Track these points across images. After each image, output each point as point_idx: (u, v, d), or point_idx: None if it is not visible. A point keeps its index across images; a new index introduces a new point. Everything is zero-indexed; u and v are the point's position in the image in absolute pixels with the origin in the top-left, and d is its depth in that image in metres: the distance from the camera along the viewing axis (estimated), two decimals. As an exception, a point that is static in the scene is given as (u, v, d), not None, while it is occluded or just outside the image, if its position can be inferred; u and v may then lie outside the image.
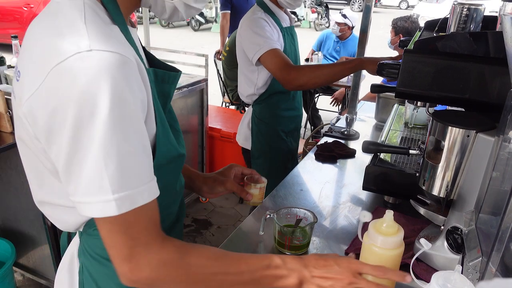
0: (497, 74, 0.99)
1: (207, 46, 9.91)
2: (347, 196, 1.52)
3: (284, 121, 2.05)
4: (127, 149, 0.64)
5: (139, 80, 0.68)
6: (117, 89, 0.62)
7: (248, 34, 1.82)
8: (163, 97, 0.83)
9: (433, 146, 1.05)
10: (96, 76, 0.60)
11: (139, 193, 0.67)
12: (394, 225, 0.84)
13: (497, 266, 0.65)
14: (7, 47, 3.14)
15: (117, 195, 0.64)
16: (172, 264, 0.73)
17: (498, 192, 0.76)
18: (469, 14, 1.22)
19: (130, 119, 0.65)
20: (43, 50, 0.64)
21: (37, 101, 0.64)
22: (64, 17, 0.66)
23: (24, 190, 2.10)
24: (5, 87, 2.26)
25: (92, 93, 0.60)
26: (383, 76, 1.41)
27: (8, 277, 2.10)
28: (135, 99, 0.66)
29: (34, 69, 0.65)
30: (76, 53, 0.61)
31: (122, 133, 0.63)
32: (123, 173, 0.64)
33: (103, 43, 0.62)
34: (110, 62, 0.61)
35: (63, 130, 0.62)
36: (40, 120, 0.65)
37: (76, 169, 0.64)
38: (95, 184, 0.64)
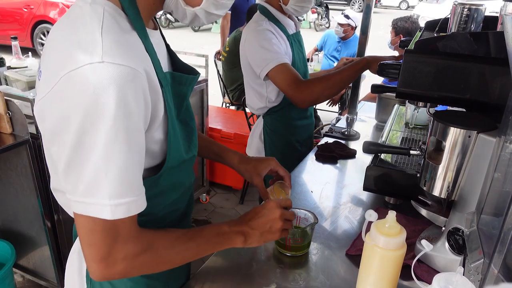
0: (498, 75, 0.98)
1: (207, 47, 9.91)
2: (348, 197, 1.51)
3: (298, 131, 1.98)
4: (127, 159, 0.67)
5: (146, 92, 0.71)
6: (123, 102, 0.64)
7: (254, 49, 1.73)
8: (179, 98, 0.86)
9: (434, 147, 1.05)
10: (104, 87, 0.63)
11: (134, 202, 0.70)
12: (397, 226, 0.84)
13: (499, 267, 0.65)
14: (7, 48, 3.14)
15: (113, 202, 0.67)
16: (145, 253, 0.77)
17: (500, 193, 0.75)
18: (470, 14, 1.22)
19: (132, 131, 0.67)
20: (60, 55, 0.67)
21: (48, 102, 0.67)
22: (83, 25, 0.68)
23: (24, 191, 2.10)
24: (5, 88, 2.25)
25: (99, 102, 0.63)
26: (384, 76, 1.41)
27: (8, 278, 2.10)
28: (139, 112, 0.69)
29: (50, 72, 0.68)
30: (88, 63, 0.63)
31: (124, 144, 0.66)
32: (122, 181, 0.67)
33: (115, 56, 0.65)
34: (119, 75, 0.64)
35: (68, 134, 0.65)
36: (48, 120, 0.68)
37: (75, 171, 0.67)
38: (93, 187, 0.66)
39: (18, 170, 2.06)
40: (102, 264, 0.72)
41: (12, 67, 2.54)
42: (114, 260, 0.73)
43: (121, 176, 0.67)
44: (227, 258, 1.14)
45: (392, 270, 0.87)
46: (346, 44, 4.61)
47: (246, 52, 1.78)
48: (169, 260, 0.83)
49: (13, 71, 2.41)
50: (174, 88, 0.83)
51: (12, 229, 2.31)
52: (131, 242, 0.74)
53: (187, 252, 0.85)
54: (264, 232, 0.95)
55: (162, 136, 0.81)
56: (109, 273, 0.74)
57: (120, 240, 0.72)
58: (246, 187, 3.51)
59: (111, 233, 0.71)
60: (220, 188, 3.72)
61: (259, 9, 1.82)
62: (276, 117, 1.90)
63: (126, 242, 0.73)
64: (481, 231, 0.81)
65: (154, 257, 0.79)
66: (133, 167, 0.69)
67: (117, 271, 0.74)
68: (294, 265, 1.13)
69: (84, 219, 0.70)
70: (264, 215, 0.95)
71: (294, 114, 1.91)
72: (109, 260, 0.72)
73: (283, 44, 1.77)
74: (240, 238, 0.92)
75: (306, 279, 1.08)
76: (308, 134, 2.07)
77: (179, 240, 0.84)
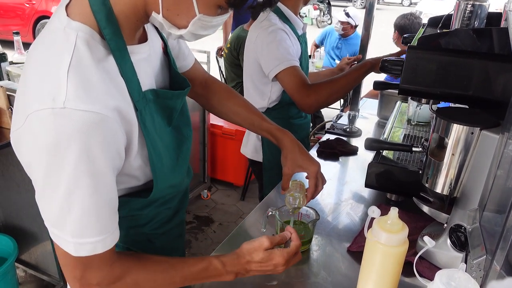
0: (501, 71, 0.98)
1: (209, 43, 9.88)
2: (349, 194, 1.51)
3: (295, 130, 1.91)
4: (91, 202, 0.67)
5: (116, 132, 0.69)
6: (85, 147, 0.63)
7: (267, 48, 1.69)
8: (167, 110, 0.84)
9: (436, 144, 1.05)
10: (65, 134, 0.62)
11: (99, 242, 0.70)
12: (399, 223, 0.84)
13: (501, 264, 0.65)
14: (9, 43, 3.14)
15: (76, 240, 0.68)
16: (122, 283, 0.76)
17: (502, 190, 0.75)
18: (474, 11, 1.21)
19: (97, 175, 0.67)
20: (31, 87, 0.66)
21: (21, 137, 0.67)
22: (52, 57, 0.66)
23: (26, 186, 2.11)
24: (7, 83, 2.25)
25: (61, 148, 0.62)
26: (386, 72, 1.40)
27: (10, 273, 2.11)
28: (106, 154, 0.67)
29: (21, 104, 0.67)
30: (50, 107, 0.62)
31: (86, 188, 0.66)
32: (85, 223, 0.68)
33: (79, 100, 0.63)
34: (82, 122, 0.62)
35: (37, 171, 0.66)
36: (23, 154, 0.68)
37: (45, 205, 0.69)
38: (59, 223, 0.68)
39: (20, 166, 2.02)
40: (76, 284, 0.73)
41: (14, 62, 2.53)
42: (88, 284, 0.73)
43: (84, 219, 0.67)
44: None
45: (394, 267, 0.87)
46: (347, 41, 4.59)
47: (256, 50, 1.75)
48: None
49: (15, 66, 2.41)
50: (160, 103, 0.81)
51: (14, 224, 2.31)
52: (105, 271, 0.74)
53: (169, 285, 0.82)
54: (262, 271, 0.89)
55: (142, 162, 0.79)
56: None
57: (93, 267, 0.72)
58: (248, 184, 3.51)
59: (84, 261, 0.71)
60: (221, 184, 3.73)
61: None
62: (275, 115, 1.88)
63: (100, 270, 0.73)
64: (483, 228, 0.81)
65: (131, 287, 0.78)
66: (99, 209, 0.69)
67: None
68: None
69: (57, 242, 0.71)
70: (268, 266, 0.88)
71: (293, 113, 1.90)
72: (82, 282, 0.73)
73: (296, 44, 1.75)
74: (231, 276, 0.87)
75: (307, 275, 1.08)
76: (305, 133, 2.06)
77: (160, 271, 0.81)
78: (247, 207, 3.38)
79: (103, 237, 0.70)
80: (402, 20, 3.48)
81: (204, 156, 3.42)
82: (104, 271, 0.74)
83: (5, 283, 2.08)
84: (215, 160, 3.60)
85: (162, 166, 0.83)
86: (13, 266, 2.15)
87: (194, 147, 3.31)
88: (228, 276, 0.87)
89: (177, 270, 0.82)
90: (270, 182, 1.95)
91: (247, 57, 1.84)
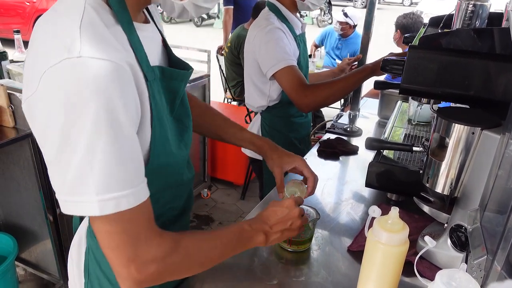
0: (503, 71, 0.98)
1: (209, 42, 9.88)
2: (350, 193, 1.51)
3: (296, 128, 1.97)
4: (113, 154, 0.65)
5: (131, 85, 0.69)
6: (104, 96, 0.62)
7: (264, 47, 1.71)
8: (171, 94, 0.84)
9: (437, 143, 1.05)
10: (83, 83, 0.61)
11: (124, 197, 0.67)
12: (400, 222, 0.84)
13: (502, 264, 0.65)
14: (9, 42, 3.13)
15: (101, 197, 0.65)
16: (175, 253, 0.76)
17: (504, 190, 0.75)
18: (475, 11, 1.21)
19: (117, 125, 0.65)
20: (42, 51, 0.66)
21: (35, 102, 0.65)
22: (62, 20, 0.67)
23: (26, 185, 2.11)
24: (8, 81, 2.25)
25: (79, 99, 0.61)
26: (387, 72, 1.40)
27: (10, 272, 2.11)
28: (125, 105, 0.66)
29: (33, 69, 0.66)
30: (66, 58, 0.61)
31: (108, 138, 0.64)
32: (108, 176, 0.65)
33: (94, 50, 0.63)
34: (99, 70, 0.62)
35: (54, 131, 0.64)
36: (37, 120, 0.66)
37: (63, 169, 0.65)
38: (79, 184, 0.65)
39: (20, 164, 2.07)
40: (131, 267, 0.70)
41: (14, 60, 2.53)
42: (143, 262, 0.71)
43: (107, 171, 0.65)
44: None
45: (395, 266, 0.87)
46: (347, 41, 4.59)
47: (254, 49, 1.76)
48: (198, 260, 0.82)
49: (15, 65, 2.41)
50: (165, 83, 0.81)
51: (14, 223, 2.31)
52: (155, 242, 0.73)
53: (214, 251, 0.84)
54: (285, 230, 0.95)
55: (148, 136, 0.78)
56: (141, 277, 0.72)
57: (142, 239, 0.71)
58: (248, 183, 3.51)
59: (131, 234, 0.70)
60: (222, 183, 3.73)
61: (268, 6, 1.79)
62: (275, 113, 1.90)
63: (150, 242, 0.72)
64: (484, 228, 0.81)
65: (183, 257, 0.78)
66: (121, 161, 0.67)
67: (149, 274, 0.72)
68: (296, 261, 1.13)
69: (100, 223, 0.68)
70: (284, 213, 0.96)
71: (293, 112, 1.90)
72: (137, 262, 0.71)
73: (292, 44, 1.76)
74: (261, 236, 0.92)
75: (307, 274, 1.08)
76: (306, 132, 2.07)
77: (204, 239, 0.83)
78: (247, 206, 3.38)
79: (127, 192, 0.67)
80: (404, 19, 3.47)
81: (204, 155, 3.42)
82: (155, 243, 0.72)
83: (5, 282, 2.08)
84: (215, 159, 3.60)
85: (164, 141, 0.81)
86: (13, 264, 2.15)
87: (195, 146, 3.31)
88: (258, 236, 0.91)
89: (218, 237, 0.85)
90: (271, 180, 1.94)
91: (246, 57, 1.85)
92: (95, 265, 0.90)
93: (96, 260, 0.90)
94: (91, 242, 0.90)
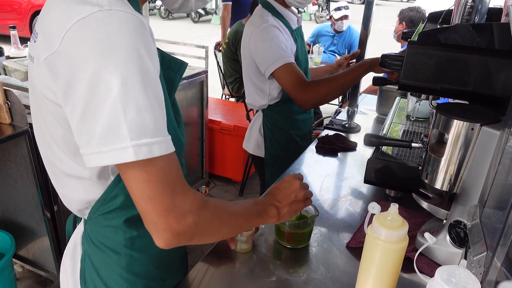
0: (502, 67, 0.98)
1: (207, 38, 9.86)
2: (348, 189, 1.51)
3: (298, 125, 1.96)
4: (144, 100, 0.66)
5: (153, 41, 0.72)
6: (135, 45, 0.66)
7: (260, 46, 1.70)
8: (169, 84, 0.84)
9: (436, 139, 1.04)
10: (115, 31, 0.64)
11: (157, 143, 0.67)
12: (399, 219, 0.84)
13: (502, 261, 0.64)
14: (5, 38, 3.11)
15: (135, 142, 0.65)
16: (207, 207, 0.76)
17: (503, 186, 0.75)
18: (474, 6, 1.20)
19: (146, 74, 0.67)
20: (63, 11, 0.67)
21: (58, 58, 0.67)
22: None
23: (23, 182, 2.10)
24: (4, 78, 2.24)
25: (111, 46, 0.63)
26: (386, 68, 1.40)
27: (7, 269, 2.10)
28: (151, 57, 0.69)
29: (52, 29, 0.68)
30: (98, 10, 0.65)
31: (139, 85, 0.66)
32: (141, 122, 0.66)
33: (122, 6, 0.67)
34: (129, 21, 0.66)
35: (82, 81, 0.65)
36: (62, 75, 0.67)
37: (92, 120, 0.65)
38: (111, 132, 0.65)
39: (17, 161, 2.06)
40: (170, 217, 0.69)
41: (10, 57, 2.52)
42: (182, 212, 0.71)
43: (139, 117, 0.65)
44: (227, 250, 1.13)
45: (394, 263, 0.87)
46: (341, 36, 4.62)
47: (251, 49, 1.74)
48: (226, 220, 0.82)
49: (11, 61, 2.39)
50: (164, 71, 0.82)
51: (11, 220, 2.30)
52: (190, 194, 0.73)
53: (237, 216, 0.86)
54: (292, 203, 0.98)
55: None
56: (179, 228, 0.70)
57: (178, 190, 0.71)
58: (246, 180, 3.51)
59: (168, 183, 0.69)
60: (220, 180, 3.72)
61: (261, 4, 1.77)
62: (277, 111, 1.89)
63: (186, 193, 0.72)
64: (483, 224, 0.81)
65: (214, 214, 0.78)
66: (152, 108, 0.67)
67: (186, 225, 0.71)
68: (294, 258, 1.13)
69: (136, 172, 0.68)
70: (286, 187, 1.00)
71: (295, 109, 1.89)
72: (175, 211, 0.70)
73: (289, 40, 1.74)
74: (274, 210, 0.95)
75: (306, 271, 1.08)
76: (308, 129, 2.06)
77: (226, 203, 0.84)
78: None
79: (159, 139, 0.68)
80: (411, 12, 3.44)
81: (202, 152, 3.41)
82: (190, 194, 0.73)
83: (3, 279, 2.08)
84: (213, 155, 3.60)
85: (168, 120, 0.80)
86: (11, 262, 2.15)
87: (192, 142, 3.30)
88: (270, 209, 0.94)
89: (237, 204, 0.88)
90: (272, 178, 1.95)
91: (244, 57, 1.84)
92: (92, 272, 0.88)
93: (94, 266, 0.88)
94: (87, 248, 0.88)
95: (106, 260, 0.87)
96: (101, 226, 0.85)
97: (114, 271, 0.87)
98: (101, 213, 0.84)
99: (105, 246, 0.86)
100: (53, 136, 0.78)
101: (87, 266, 0.89)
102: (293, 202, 0.98)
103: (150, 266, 0.91)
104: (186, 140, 0.93)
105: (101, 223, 0.85)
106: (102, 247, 0.86)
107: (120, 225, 0.84)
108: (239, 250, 1.13)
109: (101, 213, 0.84)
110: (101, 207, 0.83)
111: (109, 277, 0.88)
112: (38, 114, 0.80)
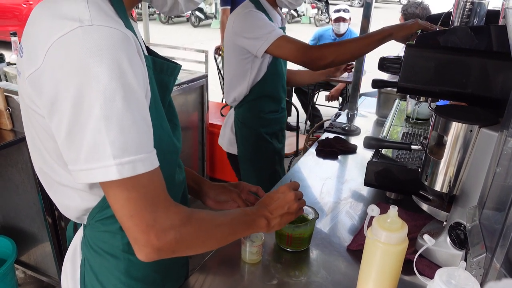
0: (500, 69, 0.98)
1: (207, 42, 9.88)
2: (349, 192, 1.51)
3: (268, 123, 1.95)
4: (128, 117, 0.66)
5: (138, 56, 0.71)
6: (117, 61, 0.64)
7: (247, 29, 1.68)
8: (162, 88, 0.84)
9: (435, 141, 1.05)
10: (96, 48, 0.63)
11: (140, 160, 0.68)
12: (398, 221, 0.84)
13: (501, 262, 0.65)
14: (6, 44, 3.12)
15: (118, 160, 0.65)
16: (190, 222, 0.76)
17: (502, 188, 0.75)
18: (473, 8, 1.21)
19: (129, 90, 0.67)
20: (45, 27, 0.67)
21: (41, 75, 0.66)
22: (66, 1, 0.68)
23: (24, 188, 2.10)
24: (5, 84, 2.25)
25: (92, 63, 0.63)
26: (384, 71, 1.40)
27: (9, 275, 2.10)
28: (136, 72, 0.68)
29: (37, 44, 0.67)
30: (78, 26, 0.64)
31: (122, 102, 0.65)
32: (124, 140, 0.66)
33: (104, 21, 0.66)
34: (111, 37, 0.65)
35: (66, 100, 0.64)
36: (45, 93, 0.67)
37: (77, 138, 0.66)
38: (96, 150, 0.65)
39: (18, 167, 2.06)
40: (151, 233, 0.70)
41: (11, 63, 2.53)
42: (162, 228, 0.71)
43: (122, 135, 0.65)
44: (228, 253, 1.14)
45: (394, 265, 0.87)
46: (342, 39, 4.61)
47: (236, 34, 1.73)
48: (211, 233, 0.82)
49: (12, 67, 2.40)
50: (156, 76, 0.81)
51: (13, 226, 2.31)
52: (172, 210, 0.73)
53: (224, 228, 0.85)
54: (284, 215, 0.97)
55: None
56: (159, 244, 0.71)
57: (161, 206, 0.71)
58: (247, 183, 3.51)
59: (149, 200, 0.70)
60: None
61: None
62: (247, 108, 1.89)
63: (168, 210, 0.73)
64: (483, 225, 0.81)
65: (198, 229, 0.78)
66: (135, 125, 0.67)
67: (167, 241, 0.72)
68: (295, 261, 1.13)
69: (118, 190, 0.68)
70: (280, 198, 0.98)
71: (266, 107, 1.90)
72: (156, 227, 0.70)
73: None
74: (263, 221, 0.94)
75: (307, 274, 1.08)
76: (279, 126, 2.04)
77: (213, 215, 0.83)
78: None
79: (142, 156, 0.68)
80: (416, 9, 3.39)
81: (202, 155, 3.42)
82: (172, 210, 0.73)
83: (5, 285, 2.08)
84: (213, 159, 3.59)
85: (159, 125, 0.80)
86: (13, 267, 2.15)
87: (193, 146, 3.31)
88: (260, 220, 0.93)
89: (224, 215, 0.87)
90: (247, 175, 1.96)
91: (226, 47, 1.82)
92: (91, 277, 0.88)
93: (93, 271, 0.88)
94: (86, 253, 0.88)
95: (105, 265, 0.87)
96: (99, 232, 0.85)
97: (113, 275, 0.87)
98: (99, 219, 0.84)
99: (103, 251, 0.86)
100: (46, 147, 0.78)
101: (87, 270, 0.89)
102: (285, 214, 0.97)
103: (148, 270, 0.91)
104: (186, 144, 0.94)
105: (99, 229, 0.85)
106: (100, 252, 0.86)
107: (117, 230, 0.84)
108: (249, 261, 1.12)
109: (99, 219, 0.84)
110: (98, 213, 0.83)
111: (108, 281, 0.88)
112: (29, 125, 0.80)
